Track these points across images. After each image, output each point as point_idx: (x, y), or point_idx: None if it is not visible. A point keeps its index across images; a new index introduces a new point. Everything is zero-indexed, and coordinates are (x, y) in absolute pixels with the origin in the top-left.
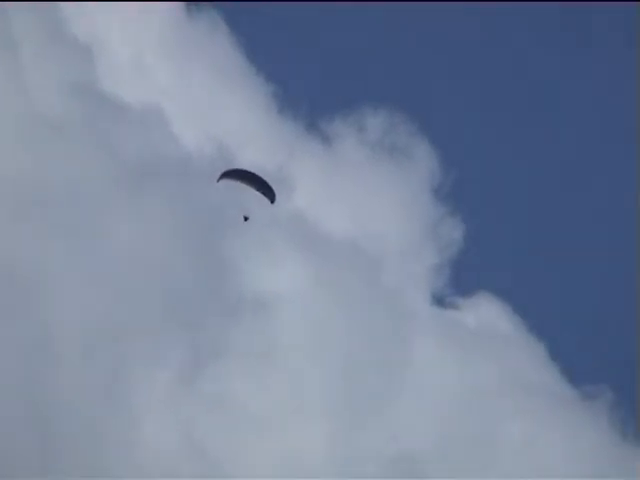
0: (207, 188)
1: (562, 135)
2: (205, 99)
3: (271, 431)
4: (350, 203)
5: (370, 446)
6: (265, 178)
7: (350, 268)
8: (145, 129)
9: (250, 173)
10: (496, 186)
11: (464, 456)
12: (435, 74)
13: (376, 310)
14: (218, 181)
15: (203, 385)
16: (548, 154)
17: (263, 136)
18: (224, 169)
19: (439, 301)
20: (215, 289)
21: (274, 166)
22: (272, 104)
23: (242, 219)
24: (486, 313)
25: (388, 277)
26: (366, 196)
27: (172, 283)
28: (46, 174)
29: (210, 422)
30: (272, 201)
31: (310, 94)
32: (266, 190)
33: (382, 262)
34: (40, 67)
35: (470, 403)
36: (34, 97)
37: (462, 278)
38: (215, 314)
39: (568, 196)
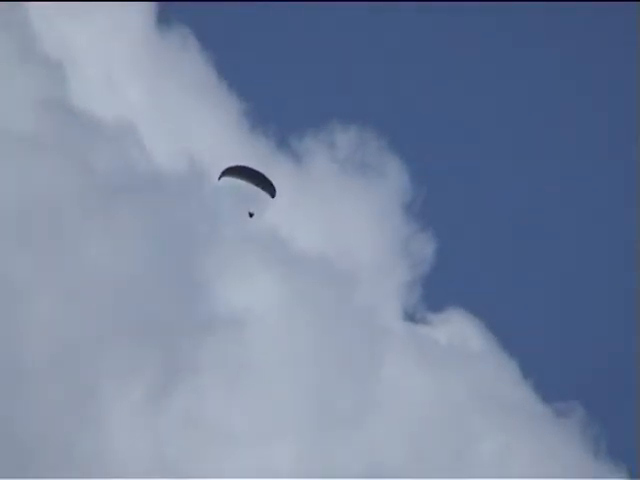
0: (179, 204)
1: (540, 145)
2: (177, 116)
3: (243, 448)
4: (322, 220)
5: (342, 463)
6: (264, 173)
7: (322, 285)
8: (117, 145)
9: (250, 169)
10: (467, 201)
11: (436, 473)
12: (405, 89)
13: (348, 327)
14: (219, 179)
15: (174, 402)
16: (520, 168)
17: (235, 153)
18: (224, 168)
19: (411, 317)
20: (187, 305)
21: (246, 183)
22: (244, 121)
23: (247, 215)
24: (458, 329)
25: (360, 293)
26: (338, 213)
27: (144, 299)
28: (17, 190)
29: (182, 439)
30: (272, 196)
31: (281, 111)
32: (266, 185)
33: (354, 279)
34: (10, 83)
35: (442, 420)
36: (4, 113)
37: (434, 294)
38: (187, 330)
39: (539, 211)
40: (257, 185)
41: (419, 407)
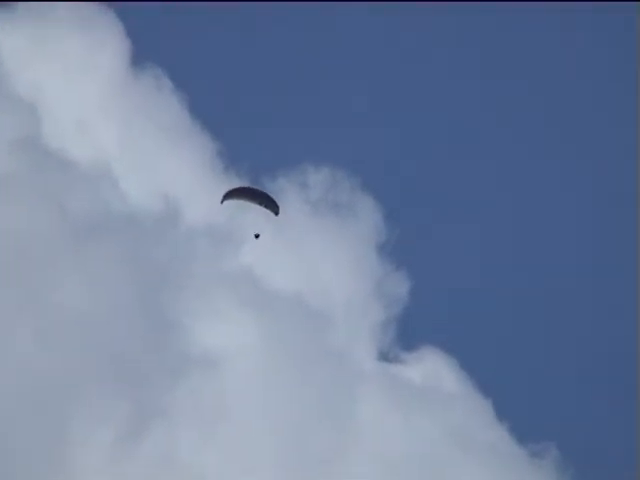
0: (153, 244)
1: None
2: (151, 156)
3: None
4: (296, 260)
5: None
6: (267, 192)
7: (297, 325)
8: (91, 186)
9: (251, 189)
10: (440, 240)
11: None
12: (375, 129)
13: (323, 367)
14: (222, 202)
15: (147, 446)
16: (493, 205)
17: (209, 193)
18: (226, 190)
19: (386, 357)
20: (161, 346)
21: (221, 223)
22: (217, 161)
23: (253, 237)
24: (433, 369)
25: (335, 333)
26: (312, 253)
27: (116, 340)
28: None
29: None
30: (276, 213)
31: (254, 151)
32: (269, 203)
33: (329, 318)
34: None
35: (417, 460)
36: None
37: (409, 333)
38: (160, 372)
39: (514, 249)
40: (260, 204)
41: (394, 447)
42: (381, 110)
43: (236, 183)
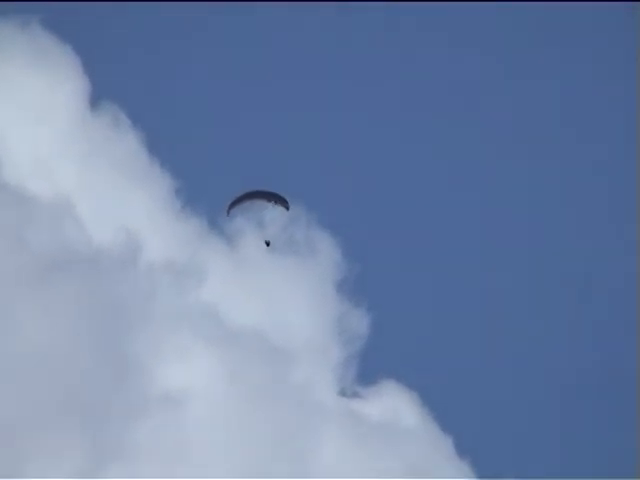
0: (114, 281)
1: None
2: (110, 193)
3: None
4: (256, 298)
5: None
6: (270, 190)
7: (258, 363)
8: (50, 223)
9: (254, 191)
10: (400, 275)
11: None
12: (331, 164)
13: (284, 404)
14: (228, 214)
15: None
16: (451, 239)
17: (168, 231)
18: (229, 202)
19: (347, 394)
20: (121, 385)
21: (181, 259)
22: (175, 199)
23: (264, 245)
24: (394, 405)
25: (296, 371)
26: (271, 291)
27: (75, 378)
28: None
29: None
30: (287, 208)
31: (211, 189)
32: (277, 199)
33: (290, 356)
34: None
35: None
36: None
37: (370, 369)
38: (119, 411)
39: (475, 283)
40: (269, 202)
41: None
42: (335, 145)
43: (194, 221)
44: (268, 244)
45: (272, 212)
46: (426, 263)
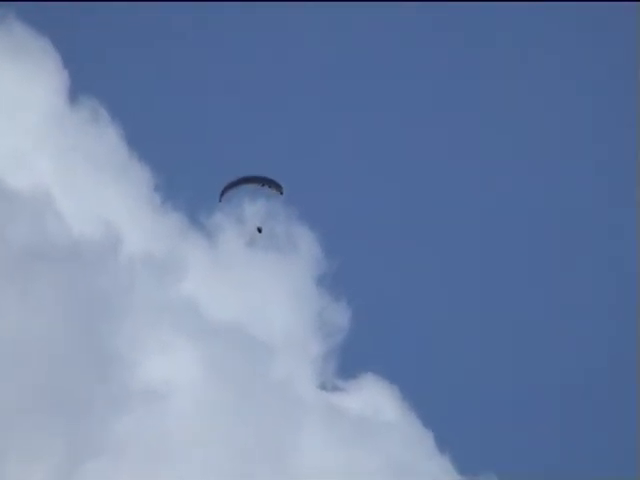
0: (94, 275)
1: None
2: (90, 188)
3: None
4: (236, 292)
5: None
6: (263, 175)
7: (239, 357)
8: (30, 216)
9: (246, 177)
10: (380, 269)
11: None
12: (312, 160)
13: (265, 398)
14: (220, 200)
15: None
16: (432, 234)
17: (148, 224)
18: (221, 187)
19: (327, 387)
20: (101, 378)
21: (161, 254)
22: (155, 194)
23: (257, 231)
24: (375, 398)
25: (276, 364)
26: (252, 285)
27: (54, 372)
28: None
29: None
30: (281, 192)
31: (191, 183)
32: (271, 183)
33: (270, 350)
34: None
35: None
36: None
37: (350, 363)
38: (99, 405)
39: (455, 276)
40: (262, 186)
41: (335, 477)
42: (315, 140)
43: (175, 216)
44: (260, 230)
45: (264, 197)
46: (405, 257)
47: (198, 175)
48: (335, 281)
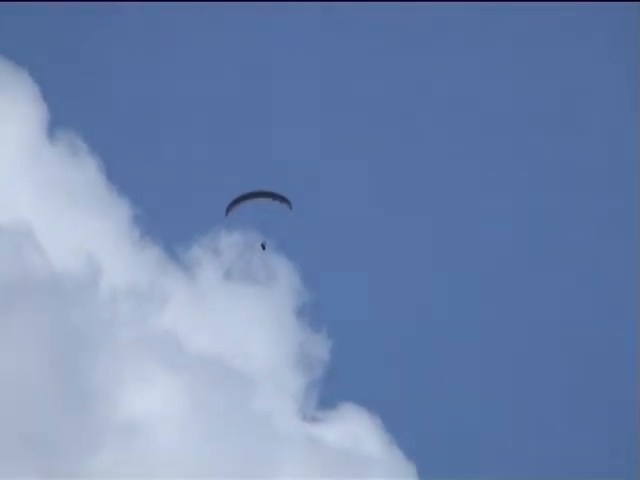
0: (74, 308)
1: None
2: (69, 222)
3: None
4: (216, 325)
5: None
6: (270, 190)
7: (220, 389)
8: (10, 249)
9: (253, 192)
10: (359, 298)
11: None
12: (286, 190)
13: (246, 431)
14: (227, 214)
15: None
16: (413, 259)
17: (128, 257)
18: (227, 204)
19: (308, 419)
20: (80, 412)
21: (141, 287)
22: (134, 226)
23: (260, 247)
24: (356, 430)
25: (258, 397)
26: (231, 318)
27: (31, 406)
28: None
29: None
30: (290, 206)
31: (169, 218)
32: (278, 198)
33: (251, 382)
34: None
35: None
36: None
37: (331, 395)
38: (78, 440)
39: (435, 305)
40: (272, 200)
41: None
42: (290, 167)
43: (153, 249)
44: (264, 247)
45: (272, 212)
46: (385, 286)
47: (176, 208)
48: (315, 312)
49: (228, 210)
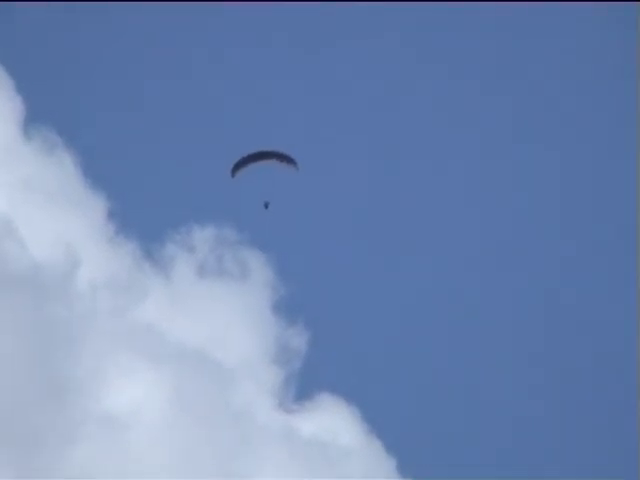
0: (52, 303)
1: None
2: (44, 217)
3: None
4: (192, 321)
5: None
6: (276, 150)
7: (198, 383)
8: None
9: (260, 152)
10: (337, 291)
11: None
12: (260, 184)
13: (225, 423)
14: (233, 176)
15: None
16: (388, 258)
17: (105, 253)
18: (233, 163)
19: (287, 410)
20: (59, 406)
21: (118, 281)
22: (109, 223)
23: (263, 206)
24: (335, 422)
25: (237, 389)
26: (208, 313)
27: (9, 399)
28: None
29: None
30: (297, 167)
31: (145, 214)
32: (284, 159)
33: (230, 375)
34: None
35: None
36: None
37: (309, 386)
38: (58, 432)
39: (412, 293)
40: (279, 161)
41: None
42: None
43: (129, 243)
44: (267, 206)
45: (279, 172)
46: (360, 277)
47: (152, 204)
48: (291, 305)
49: (234, 171)
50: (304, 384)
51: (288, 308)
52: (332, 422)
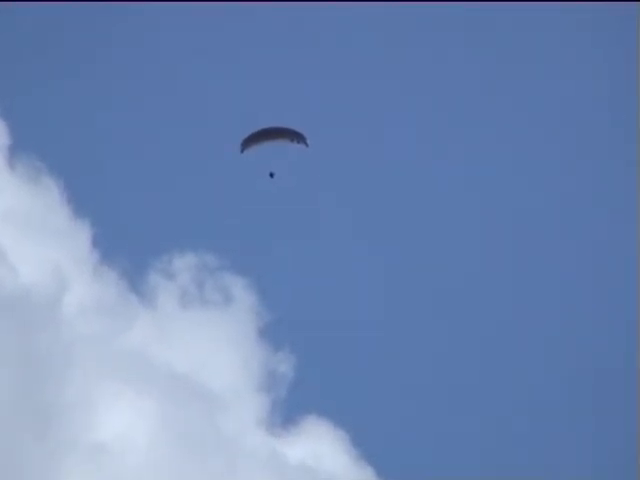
0: (38, 330)
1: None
2: (30, 245)
3: None
4: (178, 348)
5: None
6: (286, 126)
7: (185, 409)
8: None
9: (270, 129)
10: (320, 314)
11: None
12: (239, 212)
13: (211, 448)
14: (242, 152)
15: None
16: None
17: (90, 279)
18: (243, 138)
19: (275, 435)
20: (44, 432)
21: (106, 308)
22: (94, 250)
23: (268, 176)
24: (324, 446)
25: (224, 415)
26: (193, 340)
27: None
28: None
29: None
30: (307, 144)
31: (128, 241)
32: (295, 136)
33: (216, 402)
34: None
35: None
36: None
37: (296, 411)
38: (44, 460)
39: (401, 315)
40: (286, 140)
41: None
42: (243, 189)
43: (114, 271)
44: (272, 176)
45: (290, 150)
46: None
47: (136, 232)
48: (276, 330)
49: (244, 147)
50: (291, 409)
51: (273, 333)
52: (320, 447)
